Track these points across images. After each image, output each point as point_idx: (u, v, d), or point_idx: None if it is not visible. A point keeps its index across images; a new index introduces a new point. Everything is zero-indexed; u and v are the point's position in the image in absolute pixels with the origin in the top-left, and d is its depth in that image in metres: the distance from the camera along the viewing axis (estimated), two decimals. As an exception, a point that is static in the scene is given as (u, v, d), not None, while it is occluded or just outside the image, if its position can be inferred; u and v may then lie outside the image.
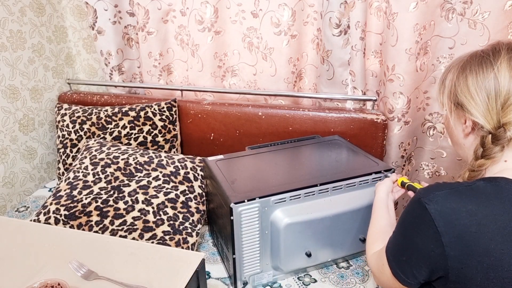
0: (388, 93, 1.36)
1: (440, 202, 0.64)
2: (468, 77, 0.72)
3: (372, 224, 0.94)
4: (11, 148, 1.54)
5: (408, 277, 0.70)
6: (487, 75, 0.70)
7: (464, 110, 0.73)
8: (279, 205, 1.00)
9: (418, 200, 0.67)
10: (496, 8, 1.18)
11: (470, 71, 0.73)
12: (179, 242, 1.13)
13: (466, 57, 0.76)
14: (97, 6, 1.55)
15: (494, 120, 0.69)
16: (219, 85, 1.63)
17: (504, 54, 0.70)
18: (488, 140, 0.70)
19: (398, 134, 1.39)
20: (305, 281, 1.08)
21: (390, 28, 1.27)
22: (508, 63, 0.69)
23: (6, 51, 1.47)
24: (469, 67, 0.73)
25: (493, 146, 0.70)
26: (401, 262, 0.71)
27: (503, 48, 0.71)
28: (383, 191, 0.99)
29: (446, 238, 0.62)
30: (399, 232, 0.73)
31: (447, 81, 0.77)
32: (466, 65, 0.74)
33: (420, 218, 0.66)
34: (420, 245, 0.66)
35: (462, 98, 0.73)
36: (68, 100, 1.71)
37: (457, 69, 0.76)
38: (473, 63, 0.73)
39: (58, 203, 1.19)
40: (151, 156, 1.32)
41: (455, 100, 0.75)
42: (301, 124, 1.43)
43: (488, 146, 0.70)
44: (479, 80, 0.71)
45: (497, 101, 0.68)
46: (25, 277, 0.80)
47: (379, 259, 0.78)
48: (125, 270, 0.82)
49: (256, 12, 1.45)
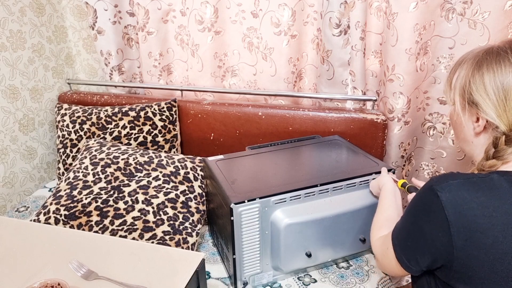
0: (388, 93, 1.36)
1: (453, 191, 0.63)
2: (485, 75, 0.69)
3: (379, 211, 0.93)
4: (11, 148, 1.54)
5: (411, 262, 0.70)
6: (505, 73, 0.67)
7: (478, 109, 0.70)
8: (279, 206, 1.00)
9: (430, 187, 0.66)
10: (496, 8, 1.18)
11: (487, 69, 0.69)
12: (179, 242, 1.13)
13: (481, 53, 0.72)
14: (97, 6, 1.55)
15: (510, 121, 0.67)
16: (219, 85, 1.63)
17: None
18: (502, 141, 0.68)
19: (398, 134, 1.39)
20: (305, 281, 1.08)
21: (390, 28, 1.27)
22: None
23: (6, 51, 1.47)
24: (486, 64, 0.70)
25: (506, 147, 0.68)
26: (406, 247, 0.71)
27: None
28: (390, 181, 0.99)
29: (454, 228, 0.62)
30: (407, 217, 0.72)
31: (460, 77, 0.74)
32: (483, 62, 0.70)
33: (431, 205, 0.65)
34: (427, 232, 0.66)
35: (478, 97, 0.70)
36: (68, 100, 1.71)
37: (472, 65, 0.72)
38: (490, 60, 0.70)
39: (58, 203, 1.19)
40: (151, 156, 1.32)
41: (469, 98, 0.72)
42: (301, 124, 1.43)
43: (501, 147, 0.68)
44: (497, 79, 0.68)
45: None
46: (25, 277, 0.80)
47: (383, 244, 0.79)
48: (125, 270, 0.82)
49: (256, 12, 1.45)
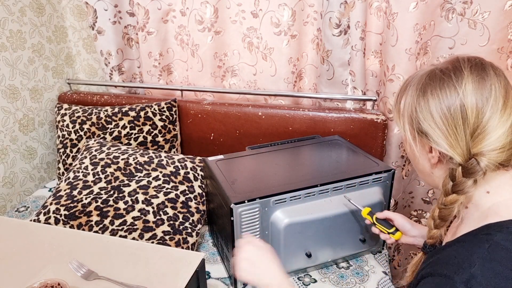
0: (388, 93, 1.36)
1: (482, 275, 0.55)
2: (431, 102, 0.63)
3: None
4: (11, 148, 1.54)
5: None
6: (451, 100, 0.61)
7: (429, 139, 0.64)
8: (279, 206, 1.00)
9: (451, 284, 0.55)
10: (496, 8, 1.18)
11: (432, 95, 0.63)
12: (179, 242, 1.13)
13: (424, 77, 0.66)
14: (97, 6, 1.55)
15: (464, 150, 0.61)
16: (219, 85, 1.63)
17: (467, 75, 0.61)
18: (459, 173, 0.62)
19: (398, 134, 1.39)
20: (305, 281, 1.08)
21: (390, 28, 1.27)
22: (473, 85, 0.60)
23: (6, 51, 1.47)
24: (430, 90, 0.64)
25: (465, 179, 0.62)
26: None
27: (465, 67, 0.62)
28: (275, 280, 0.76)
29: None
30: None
31: (407, 104, 0.68)
32: (427, 88, 0.65)
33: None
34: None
35: (426, 126, 0.64)
36: (68, 100, 1.71)
37: (416, 91, 0.66)
38: (434, 86, 0.64)
39: (58, 203, 1.19)
40: (151, 156, 1.32)
41: (418, 128, 0.66)
42: (301, 124, 1.43)
43: (459, 179, 0.62)
44: (443, 106, 0.62)
45: (466, 129, 0.60)
46: (25, 277, 0.80)
47: None
48: (125, 270, 0.82)
49: (256, 12, 1.45)
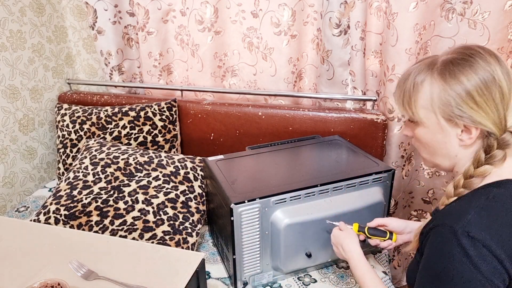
0: (388, 93, 1.36)
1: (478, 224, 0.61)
2: (464, 81, 0.65)
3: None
4: (11, 148, 1.54)
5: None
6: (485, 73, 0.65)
7: (463, 122, 0.68)
8: (280, 206, 1.00)
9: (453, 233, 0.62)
10: (496, 8, 1.18)
11: (464, 74, 0.66)
12: (179, 242, 1.13)
13: (439, 65, 0.69)
14: (97, 6, 1.55)
15: (502, 125, 0.66)
16: (219, 85, 1.63)
17: (487, 54, 0.66)
18: (494, 146, 0.67)
19: (398, 134, 1.39)
20: (305, 281, 1.08)
21: (390, 28, 1.26)
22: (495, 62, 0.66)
23: (6, 51, 1.47)
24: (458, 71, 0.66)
25: (500, 151, 0.67)
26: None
27: (480, 48, 0.67)
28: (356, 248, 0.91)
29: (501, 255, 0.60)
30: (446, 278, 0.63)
31: (431, 94, 0.69)
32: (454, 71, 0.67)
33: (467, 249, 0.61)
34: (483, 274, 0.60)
35: (465, 110, 0.66)
36: (68, 100, 1.71)
37: (442, 78, 0.68)
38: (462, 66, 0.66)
39: (58, 203, 1.19)
40: (151, 156, 1.32)
41: (449, 115, 0.68)
42: (301, 124, 1.43)
43: (494, 152, 0.67)
44: (478, 81, 0.65)
45: (502, 101, 0.65)
46: (25, 277, 0.80)
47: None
48: (125, 270, 0.82)
49: (256, 12, 1.45)
